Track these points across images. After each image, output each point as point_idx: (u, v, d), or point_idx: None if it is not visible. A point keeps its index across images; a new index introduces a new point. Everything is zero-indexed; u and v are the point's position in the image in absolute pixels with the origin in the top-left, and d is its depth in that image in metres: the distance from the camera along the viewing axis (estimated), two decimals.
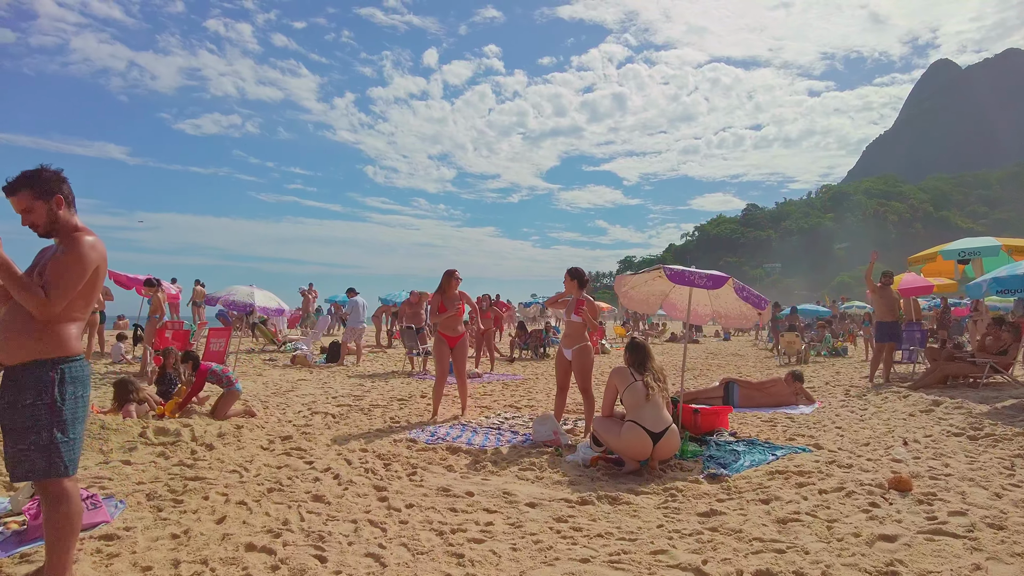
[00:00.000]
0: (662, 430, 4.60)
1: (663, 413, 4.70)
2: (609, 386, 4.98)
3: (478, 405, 8.12)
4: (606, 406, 5.03)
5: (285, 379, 10.61)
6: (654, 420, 4.61)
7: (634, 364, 4.96)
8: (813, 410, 7.54)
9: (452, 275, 7.05)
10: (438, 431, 6.30)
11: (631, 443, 4.59)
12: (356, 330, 12.92)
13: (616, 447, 4.73)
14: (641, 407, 4.66)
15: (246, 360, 13.56)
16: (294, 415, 7.13)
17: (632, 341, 5.15)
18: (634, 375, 4.85)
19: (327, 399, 8.40)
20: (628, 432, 4.61)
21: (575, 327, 6.07)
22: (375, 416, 7.16)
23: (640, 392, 4.72)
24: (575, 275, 6.12)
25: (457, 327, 7.03)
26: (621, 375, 4.90)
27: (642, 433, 4.56)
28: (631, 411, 4.71)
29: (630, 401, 4.73)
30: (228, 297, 10.87)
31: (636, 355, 5.00)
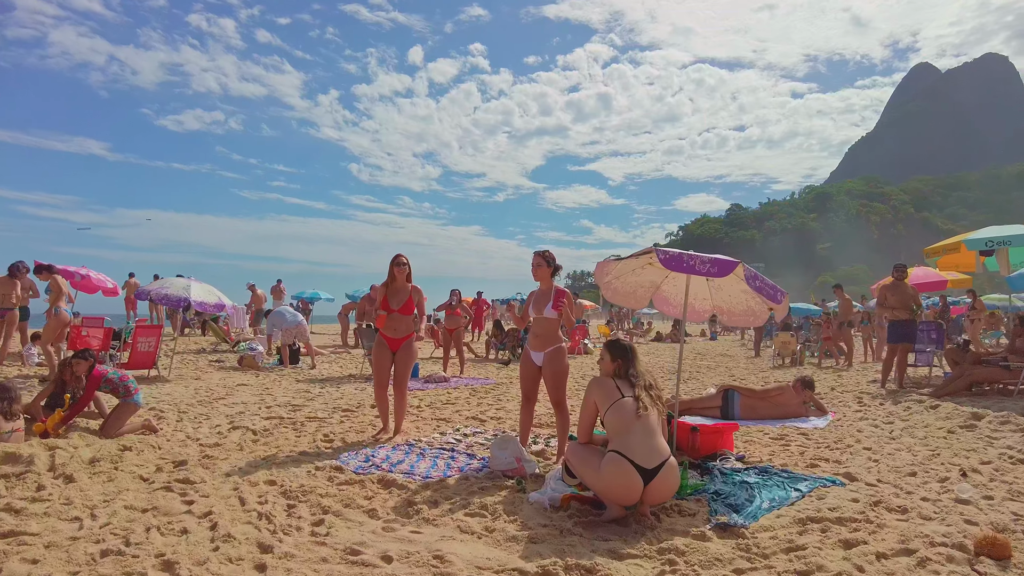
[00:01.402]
0: (657, 465, 3.44)
1: (658, 441, 3.54)
2: (587, 403, 3.80)
3: (436, 417, 6.91)
4: (583, 429, 3.85)
5: (223, 384, 9.32)
6: (646, 451, 3.45)
7: (619, 372, 3.80)
8: (828, 423, 6.43)
9: (393, 263, 5.84)
10: (375, 455, 5.08)
11: (615, 482, 3.42)
12: (291, 330, 11.64)
13: (595, 486, 3.56)
14: (629, 433, 3.50)
15: (191, 361, 12.24)
16: (209, 430, 5.88)
17: (614, 341, 3.97)
18: (620, 388, 3.69)
19: (259, 409, 7.14)
20: (611, 467, 3.44)
21: (547, 325, 4.89)
22: (306, 432, 5.93)
23: (628, 412, 3.56)
24: (549, 260, 4.93)
25: (400, 327, 5.83)
26: (602, 388, 3.72)
27: (629, 469, 3.40)
28: (616, 437, 3.54)
29: (615, 424, 3.57)
30: (161, 290, 9.54)
31: (621, 360, 3.84)
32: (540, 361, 4.90)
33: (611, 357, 3.85)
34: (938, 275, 11.35)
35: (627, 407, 3.56)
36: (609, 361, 3.84)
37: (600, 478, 3.47)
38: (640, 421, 3.52)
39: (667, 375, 11.96)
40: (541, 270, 4.88)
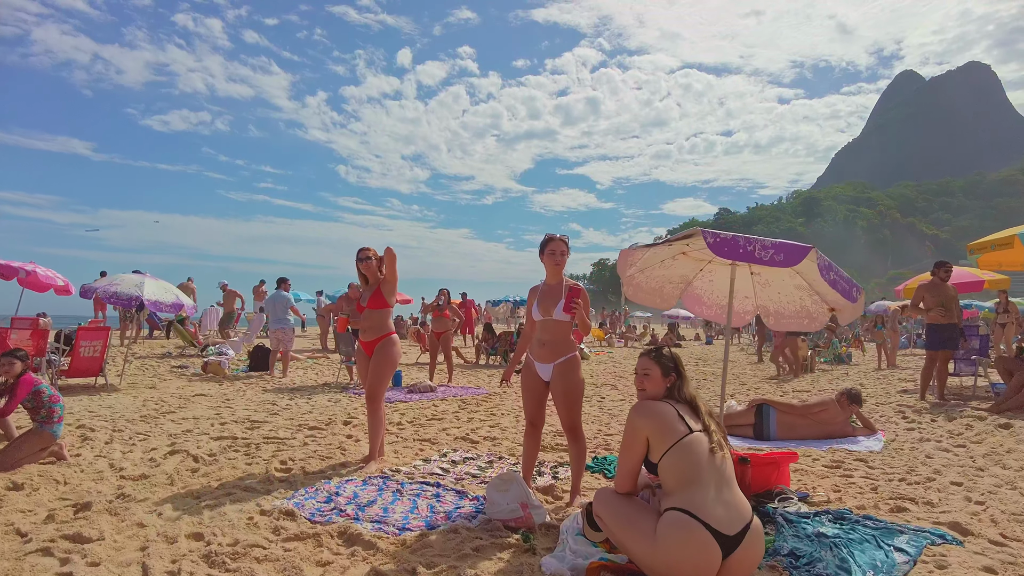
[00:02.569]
0: (740, 531, 2.43)
1: (737, 496, 2.54)
2: (633, 439, 2.72)
3: (419, 437, 5.85)
4: (626, 476, 2.79)
5: (180, 393, 8.20)
6: (725, 511, 2.45)
7: (675, 394, 2.79)
8: (882, 445, 5.44)
9: (357, 261, 4.88)
10: (341, 491, 4.02)
11: (683, 557, 2.41)
12: (276, 332, 10.48)
13: (649, 560, 2.52)
14: (700, 483, 2.49)
15: (152, 367, 11.08)
16: (140, 456, 4.79)
17: (659, 350, 2.94)
18: (683, 417, 2.67)
19: (211, 426, 6.05)
20: (677, 534, 2.43)
21: (557, 330, 3.84)
22: (260, 458, 4.85)
23: (700, 453, 2.55)
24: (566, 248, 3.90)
25: (372, 325, 4.79)
26: (660, 418, 2.67)
27: (705, 539, 2.39)
28: (680, 490, 2.52)
29: (680, 470, 2.55)
30: (109, 288, 8.40)
31: (676, 375, 2.83)
32: (548, 375, 3.84)
33: (662, 371, 2.81)
34: (972, 275, 10.46)
35: (698, 447, 2.55)
36: (660, 377, 2.81)
37: (658, 550, 2.44)
38: (714, 466, 2.51)
39: None
40: (555, 261, 3.83)
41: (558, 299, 3.83)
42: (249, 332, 15.44)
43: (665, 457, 2.57)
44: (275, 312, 10.42)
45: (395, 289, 4.89)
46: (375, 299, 4.81)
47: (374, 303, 4.80)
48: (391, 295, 4.85)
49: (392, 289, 4.85)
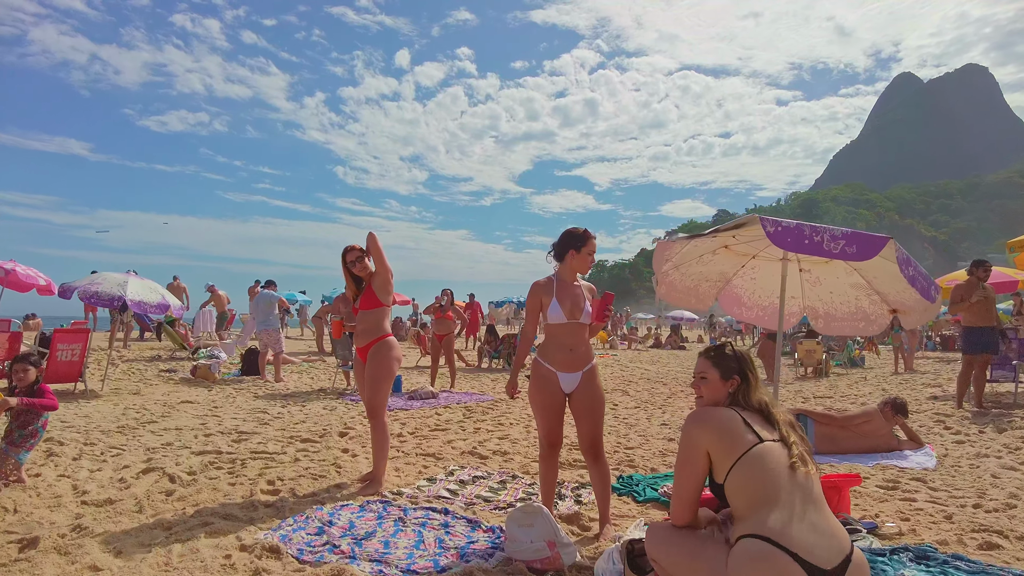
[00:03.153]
0: (839, 564, 1.92)
1: (830, 520, 2.03)
2: (691, 453, 2.20)
3: (422, 451, 5.32)
4: (685, 504, 2.28)
5: (165, 400, 7.66)
6: (816, 538, 1.93)
7: (741, 400, 2.28)
8: (935, 462, 4.92)
9: (343, 262, 4.34)
10: (335, 519, 3.49)
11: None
12: (261, 334, 9.91)
13: None
14: (778, 504, 1.98)
15: (140, 370, 10.52)
16: (111, 475, 4.26)
17: (720, 348, 2.41)
18: (751, 426, 2.15)
19: (194, 438, 5.52)
20: (751, 565, 1.92)
21: (584, 335, 3.34)
22: (245, 477, 4.32)
23: (777, 466, 2.05)
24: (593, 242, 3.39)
25: (366, 328, 4.24)
26: (722, 427, 2.16)
27: (792, 571, 1.87)
28: (753, 513, 2.01)
29: (752, 488, 2.04)
30: (89, 287, 7.86)
31: (740, 377, 2.32)
32: (572, 386, 3.31)
33: (721, 374, 2.31)
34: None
35: (773, 459, 2.04)
36: (720, 381, 2.30)
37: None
38: (796, 484, 2.00)
39: (667, 386, 10.45)
40: (582, 259, 3.33)
41: (579, 300, 3.32)
42: (243, 334, 14.90)
43: (732, 474, 2.06)
44: (260, 313, 9.89)
45: (389, 284, 4.27)
46: (367, 298, 4.25)
47: (366, 302, 4.26)
48: (384, 292, 4.24)
49: (384, 284, 4.24)
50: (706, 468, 2.18)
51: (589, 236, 3.30)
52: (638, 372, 13.62)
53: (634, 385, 10.85)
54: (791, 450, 2.10)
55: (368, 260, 4.29)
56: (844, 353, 14.91)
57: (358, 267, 4.27)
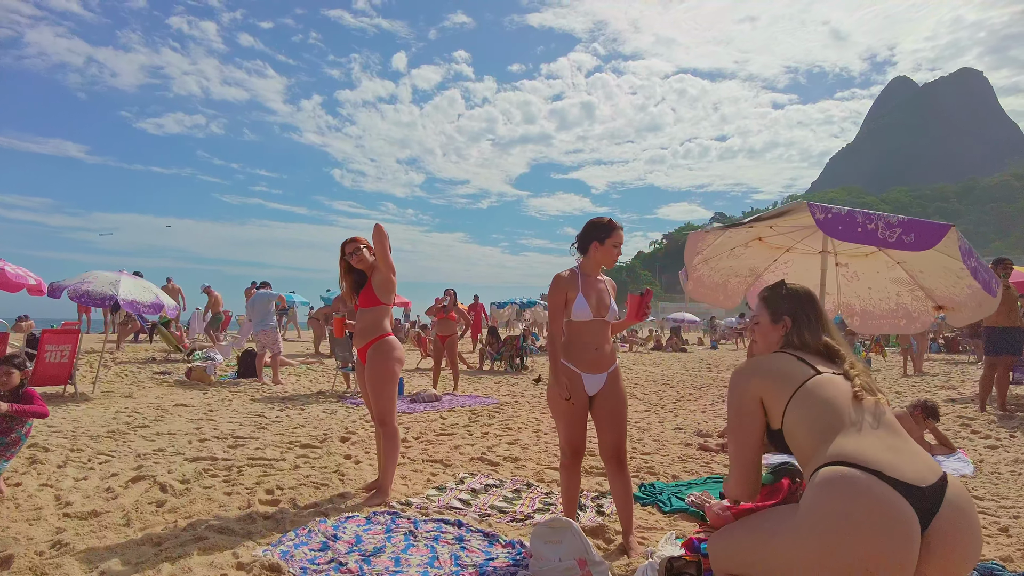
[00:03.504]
0: (935, 484, 1.60)
1: (911, 443, 1.74)
2: (742, 407, 1.92)
3: (429, 458, 5.04)
4: (743, 468, 1.97)
5: (159, 403, 7.37)
6: (895, 456, 1.63)
7: (796, 340, 1.99)
8: (972, 468, 4.66)
9: (343, 252, 4.01)
10: (339, 533, 3.21)
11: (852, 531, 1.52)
12: (259, 335, 9.59)
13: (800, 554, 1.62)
14: (844, 429, 1.71)
15: (133, 373, 10.22)
16: (97, 484, 3.97)
17: (775, 288, 2.12)
18: (805, 360, 1.89)
19: (188, 443, 5.23)
20: (830, 493, 1.59)
21: (608, 333, 3.09)
22: (242, 485, 4.04)
23: (837, 394, 1.79)
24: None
25: (365, 327, 3.93)
26: (766, 367, 1.92)
27: (881, 491, 1.54)
28: (819, 444, 1.73)
29: (810, 421, 1.78)
30: (80, 286, 7.56)
31: (791, 317, 2.02)
32: (596, 388, 3.04)
33: (771, 317, 2.04)
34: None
35: (833, 388, 1.80)
36: (769, 324, 2.04)
37: (804, 537, 1.60)
38: (863, 411, 1.74)
39: (675, 389, 10.18)
40: (608, 252, 3.06)
41: (604, 295, 3.07)
42: (239, 336, 14.59)
43: (789, 412, 1.81)
44: (257, 313, 9.59)
45: (391, 282, 3.91)
46: (366, 295, 3.93)
47: (365, 300, 3.95)
48: (385, 290, 3.89)
49: (385, 282, 3.88)
50: (763, 421, 1.89)
51: (614, 226, 3.04)
52: (643, 374, 13.36)
53: (641, 388, 10.59)
54: (854, 381, 1.82)
55: (366, 253, 4.00)
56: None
57: (356, 259, 3.96)
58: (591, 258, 3.06)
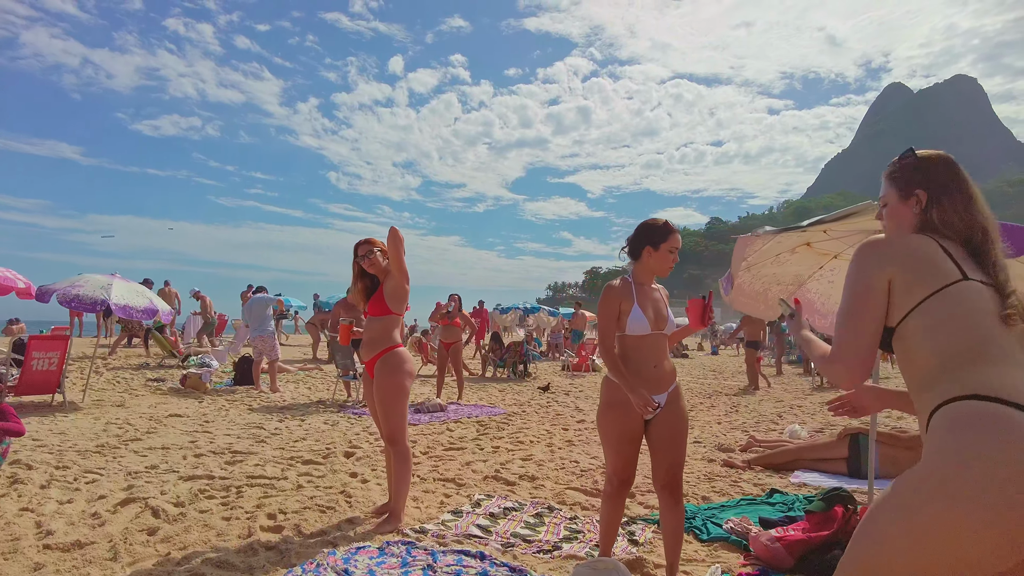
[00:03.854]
0: None
1: None
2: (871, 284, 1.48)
3: (440, 476, 4.73)
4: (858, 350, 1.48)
5: (152, 413, 7.04)
6: None
7: (933, 225, 1.55)
8: None
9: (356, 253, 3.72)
10: (350, 567, 2.90)
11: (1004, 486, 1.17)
12: (256, 341, 9.24)
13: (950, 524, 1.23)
14: (992, 356, 1.34)
15: (126, 380, 9.89)
16: (83, 507, 3.66)
17: (900, 162, 1.65)
18: (950, 254, 1.48)
19: (183, 458, 4.91)
20: (976, 431, 1.24)
21: (665, 348, 2.76)
22: (242, 508, 3.73)
23: (984, 311, 1.40)
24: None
25: (373, 337, 3.64)
26: (905, 248, 1.50)
27: None
28: (953, 366, 1.36)
29: (948, 332, 1.39)
30: (69, 290, 7.23)
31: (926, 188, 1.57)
32: (657, 409, 2.63)
33: (899, 193, 1.62)
34: None
35: (983, 302, 1.42)
36: (898, 201, 1.63)
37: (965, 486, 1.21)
38: (1015, 338, 1.39)
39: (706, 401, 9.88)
40: (663, 257, 2.75)
41: (661, 306, 2.77)
42: (235, 341, 14.25)
43: (914, 317, 1.43)
44: (254, 318, 9.25)
45: (403, 289, 3.62)
46: (376, 302, 3.64)
47: (374, 307, 3.65)
48: (396, 298, 3.61)
49: (398, 288, 3.60)
50: (883, 310, 1.48)
51: (671, 229, 2.71)
52: None
53: None
54: (1007, 299, 1.44)
55: (380, 256, 3.71)
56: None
57: (368, 262, 3.67)
58: (644, 265, 2.74)
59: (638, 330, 2.65)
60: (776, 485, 4.70)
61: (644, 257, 2.72)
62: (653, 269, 2.73)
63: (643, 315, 2.66)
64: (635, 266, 2.76)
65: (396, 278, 3.61)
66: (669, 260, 2.71)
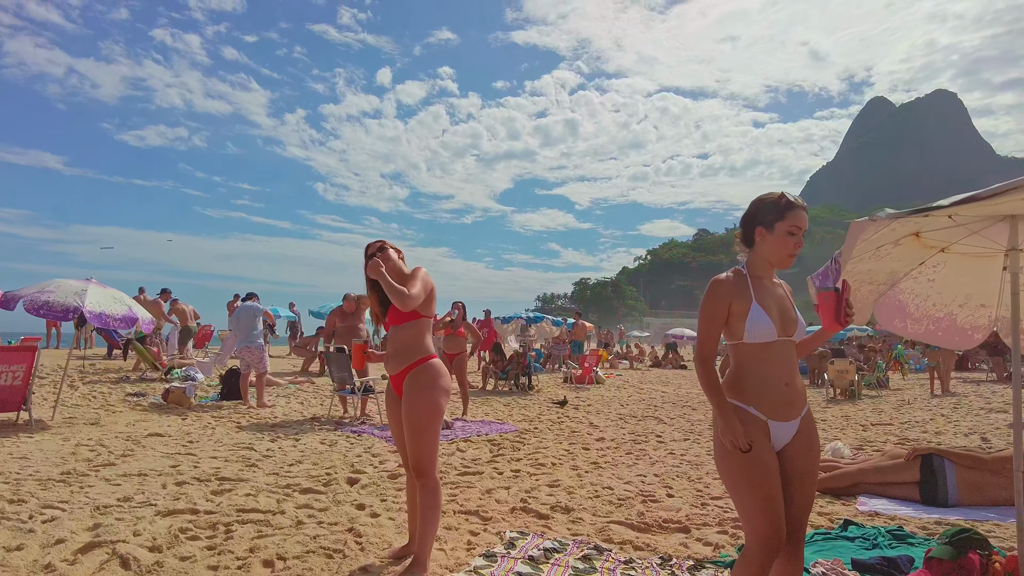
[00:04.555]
0: None
1: None
2: None
3: (461, 508, 4.11)
4: None
5: (129, 433, 6.36)
6: None
7: None
8: None
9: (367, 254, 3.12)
10: None
11: None
12: (242, 352, 8.53)
13: None
14: None
15: (104, 394, 9.16)
16: (34, 558, 3.00)
17: None
18: None
19: (163, 487, 4.26)
20: None
21: (794, 359, 2.16)
22: (231, 553, 3.09)
23: None
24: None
25: (400, 351, 3.01)
26: None
27: None
28: None
29: None
30: (38, 296, 6.54)
31: None
32: (784, 441, 2.09)
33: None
34: None
35: None
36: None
37: None
38: None
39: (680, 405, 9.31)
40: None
41: (787, 304, 2.18)
42: (222, 352, 13.52)
43: None
44: (242, 328, 8.56)
45: (427, 283, 3.01)
46: (397, 309, 2.99)
47: (397, 314, 3.01)
48: (426, 302, 3.00)
49: (416, 282, 2.95)
50: None
51: (789, 204, 2.11)
52: (656, 394, 12.51)
53: (663, 410, 9.72)
54: None
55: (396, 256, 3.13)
56: (874, 374, 13.94)
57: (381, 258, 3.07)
58: (758, 253, 2.16)
59: (761, 335, 2.06)
60: (841, 513, 4.14)
61: (757, 242, 2.15)
62: (768, 257, 2.15)
63: (766, 315, 2.07)
64: (750, 256, 2.19)
65: (410, 277, 3.01)
66: (789, 245, 2.10)
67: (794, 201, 2.13)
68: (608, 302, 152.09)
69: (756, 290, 2.10)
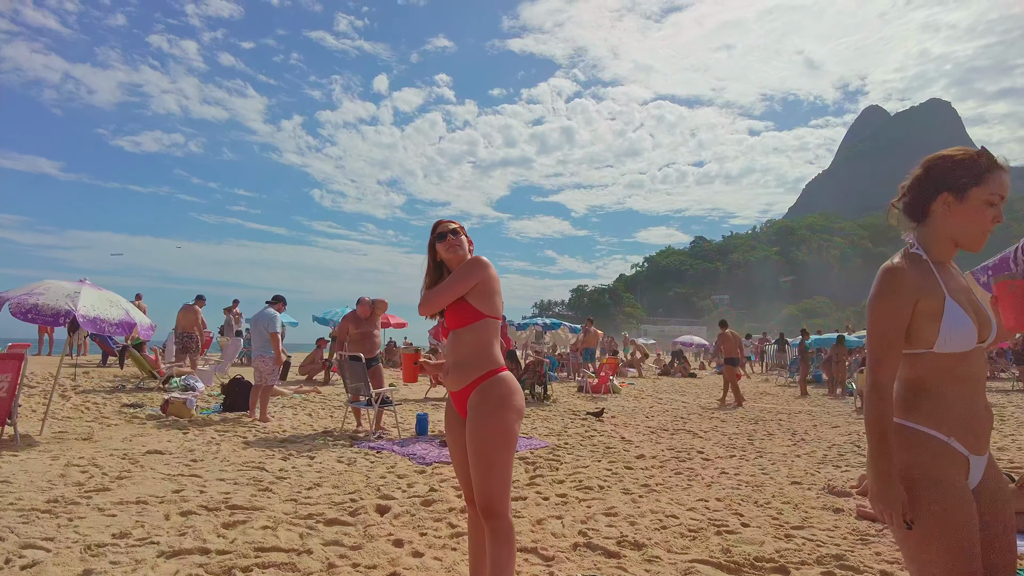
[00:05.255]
0: None
1: None
2: None
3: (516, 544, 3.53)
4: None
5: (126, 450, 5.77)
6: None
7: None
8: None
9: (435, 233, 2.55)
10: None
11: None
12: (257, 361, 7.88)
13: None
14: None
15: (98, 405, 8.54)
16: None
17: None
18: None
19: (166, 519, 3.67)
20: None
21: (984, 372, 1.63)
22: None
23: None
24: None
25: (462, 361, 2.41)
26: None
27: None
28: None
29: None
30: (26, 299, 5.96)
31: None
32: (976, 479, 1.57)
33: None
34: None
35: None
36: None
37: None
38: None
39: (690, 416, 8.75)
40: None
41: (974, 297, 1.65)
42: (223, 360, 12.91)
43: None
44: (258, 336, 7.95)
45: (495, 278, 2.46)
46: (457, 308, 2.44)
47: (456, 315, 2.44)
48: (485, 292, 2.41)
49: (484, 283, 2.42)
50: None
51: (993, 163, 1.56)
52: (677, 404, 11.96)
53: (692, 422, 9.17)
54: None
55: (466, 242, 2.57)
56: None
57: (446, 245, 2.51)
58: (940, 229, 1.62)
59: (961, 342, 1.53)
60: None
61: (939, 214, 1.60)
62: (955, 235, 1.60)
63: (967, 317, 1.54)
64: (922, 233, 1.64)
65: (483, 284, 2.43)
66: (986, 218, 1.56)
67: (998, 160, 1.57)
68: (606, 309, 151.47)
69: (946, 282, 1.56)
